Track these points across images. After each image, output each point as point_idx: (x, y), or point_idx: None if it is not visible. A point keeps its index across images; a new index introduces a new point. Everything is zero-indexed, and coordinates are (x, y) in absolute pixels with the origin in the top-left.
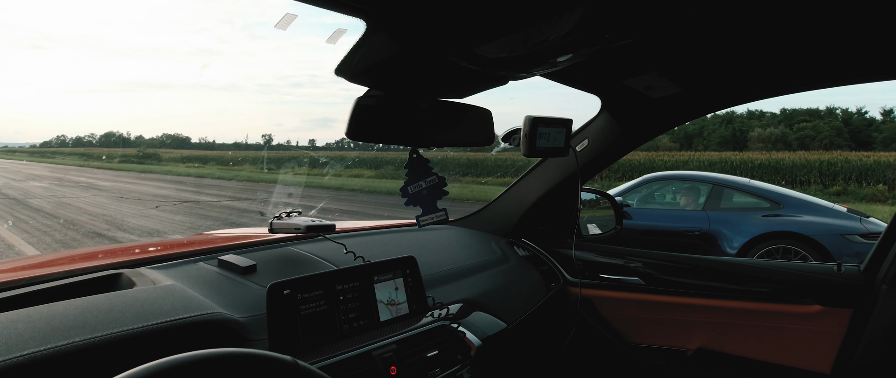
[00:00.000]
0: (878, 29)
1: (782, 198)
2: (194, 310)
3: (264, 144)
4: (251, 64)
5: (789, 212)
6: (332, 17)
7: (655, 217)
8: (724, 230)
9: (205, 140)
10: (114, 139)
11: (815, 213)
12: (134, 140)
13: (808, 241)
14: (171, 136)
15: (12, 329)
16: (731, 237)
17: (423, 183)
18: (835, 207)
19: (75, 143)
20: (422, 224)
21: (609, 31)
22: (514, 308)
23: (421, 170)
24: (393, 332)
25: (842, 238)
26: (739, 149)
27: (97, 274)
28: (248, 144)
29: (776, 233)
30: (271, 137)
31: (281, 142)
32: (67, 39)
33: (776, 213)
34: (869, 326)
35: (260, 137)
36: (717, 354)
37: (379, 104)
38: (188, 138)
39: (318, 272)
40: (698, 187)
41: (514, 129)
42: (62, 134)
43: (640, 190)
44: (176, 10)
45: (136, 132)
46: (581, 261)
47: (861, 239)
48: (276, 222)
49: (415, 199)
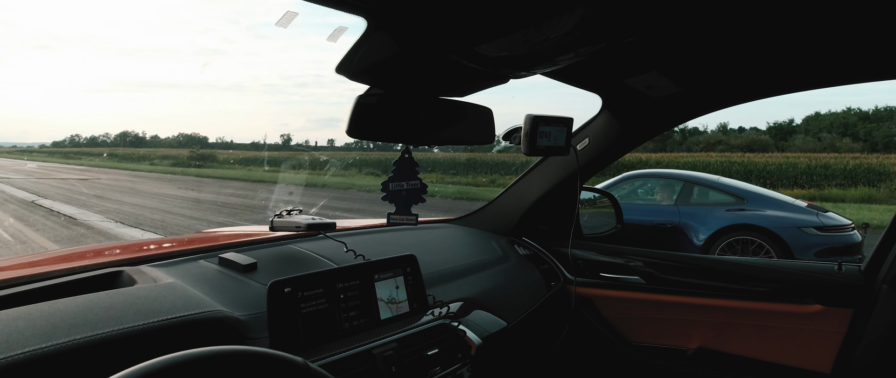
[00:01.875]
0: (878, 29)
1: (747, 193)
2: (195, 308)
3: (283, 144)
4: (257, 64)
5: (752, 206)
6: (336, 16)
7: (633, 211)
8: (692, 223)
9: (222, 139)
10: (129, 138)
11: (776, 208)
12: (149, 140)
13: (768, 233)
14: (188, 136)
15: (13, 326)
16: (698, 229)
17: (405, 184)
18: (795, 203)
19: (89, 142)
20: (390, 222)
21: (610, 30)
22: (514, 307)
23: (408, 171)
24: (393, 330)
25: (798, 231)
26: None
27: (98, 271)
28: (267, 144)
29: (738, 225)
30: (290, 136)
31: (299, 141)
32: (73, 39)
33: (740, 208)
34: (869, 326)
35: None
36: (717, 354)
37: (380, 102)
38: (206, 138)
39: (319, 270)
40: (673, 184)
41: (515, 128)
42: (76, 133)
43: (622, 186)
44: (181, 9)
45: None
46: (581, 260)
47: (816, 231)
48: (276, 220)
49: (392, 197)
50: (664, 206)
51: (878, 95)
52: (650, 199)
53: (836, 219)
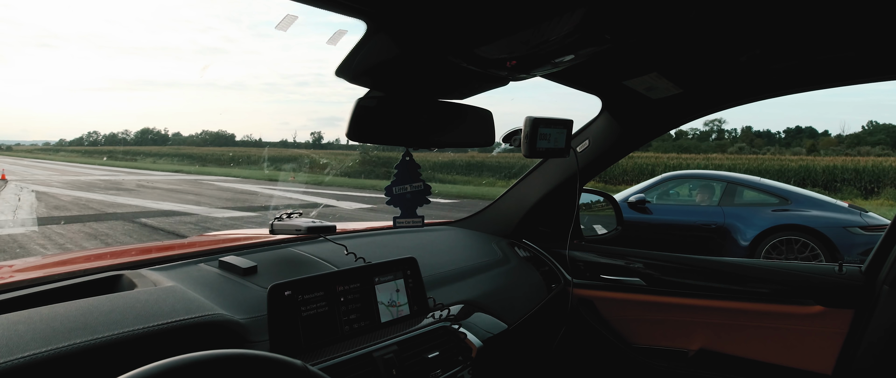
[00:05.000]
0: (878, 29)
1: (790, 194)
2: (195, 311)
3: (313, 142)
4: (257, 63)
5: (796, 207)
6: (337, 16)
7: (674, 212)
8: (738, 224)
9: (250, 137)
10: (151, 136)
11: (819, 208)
12: (172, 137)
13: (815, 233)
14: (213, 134)
15: (13, 330)
16: (744, 230)
17: (409, 187)
18: (837, 203)
19: (109, 140)
20: (397, 225)
21: (610, 31)
22: (514, 309)
23: (410, 174)
24: (394, 333)
25: (844, 230)
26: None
27: (98, 275)
28: (296, 142)
29: (785, 225)
30: (321, 135)
31: (330, 140)
32: (74, 38)
33: (785, 208)
34: (870, 327)
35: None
36: (718, 355)
37: (379, 105)
38: (233, 135)
39: (319, 273)
40: (713, 185)
41: (515, 130)
42: (94, 130)
43: (659, 187)
44: (183, 8)
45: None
46: (581, 261)
47: (861, 231)
48: (276, 223)
49: (396, 201)
50: (706, 206)
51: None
52: (689, 200)
53: (878, 218)
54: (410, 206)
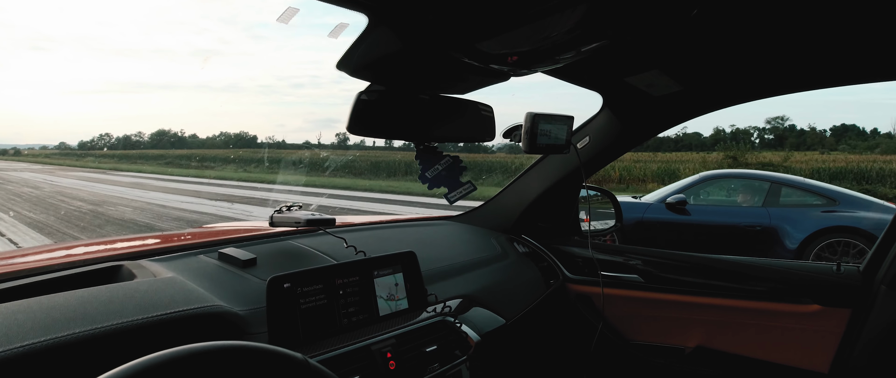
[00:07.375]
0: (878, 29)
1: (837, 195)
2: (194, 302)
3: (339, 143)
4: (252, 65)
5: (845, 208)
6: (333, 17)
7: (715, 213)
8: (786, 226)
9: (272, 139)
10: (167, 138)
11: (867, 209)
12: (188, 139)
13: (866, 235)
14: (233, 136)
15: (12, 320)
16: (792, 232)
17: (440, 166)
18: (884, 203)
19: (123, 142)
20: (452, 200)
21: (611, 28)
22: (513, 304)
23: (432, 156)
24: (392, 326)
25: None
26: None
27: (97, 266)
28: (320, 144)
29: (835, 228)
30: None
31: (356, 142)
32: (68, 40)
33: (833, 210)
34: (867, 327)
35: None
36: (715, 353)
37: (380, 99)
38: (255, 137)
39: (318, 266)
40: (755, 185)
41: (515, 126)
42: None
43: (697, 187)
44: (177, 10)
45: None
46: (580, 258)
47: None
48: (276, 216)
49: (437, 181)
50: (749, 207)
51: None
52: (731, 201)
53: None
54: (452, 178)
